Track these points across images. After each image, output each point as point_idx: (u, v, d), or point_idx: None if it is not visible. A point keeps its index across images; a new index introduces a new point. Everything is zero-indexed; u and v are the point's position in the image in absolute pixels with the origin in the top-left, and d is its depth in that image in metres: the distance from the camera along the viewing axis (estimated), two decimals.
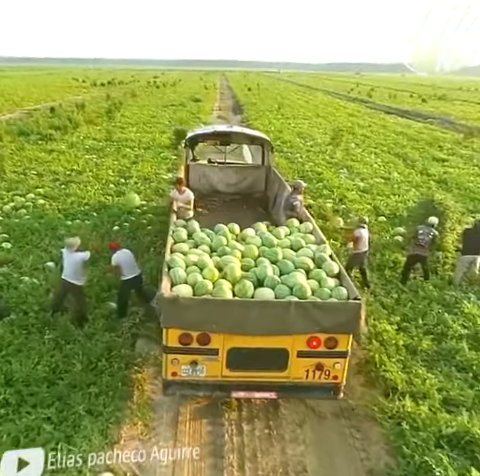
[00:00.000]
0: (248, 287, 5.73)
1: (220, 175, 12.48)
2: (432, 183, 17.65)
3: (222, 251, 6.66)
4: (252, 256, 6.59)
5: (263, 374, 5.75)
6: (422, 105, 52.50)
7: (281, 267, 6.33)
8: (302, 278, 5.97)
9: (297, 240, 7.09)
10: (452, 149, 25.01)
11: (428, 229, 9.41)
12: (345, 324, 5.49)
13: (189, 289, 5.71)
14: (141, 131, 28.18)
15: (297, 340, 5.56)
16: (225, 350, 5.55)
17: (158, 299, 5.41)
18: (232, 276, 5.97)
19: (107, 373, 6.64)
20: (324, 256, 6.53)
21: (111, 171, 18.03)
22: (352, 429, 6.01)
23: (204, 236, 7.20)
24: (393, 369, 6.76)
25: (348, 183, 17.05)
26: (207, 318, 5.36)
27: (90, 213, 13.22)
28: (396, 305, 8.69)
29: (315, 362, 5.68)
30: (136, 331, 7.67)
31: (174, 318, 5.37)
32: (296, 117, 37.24)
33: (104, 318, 7.92)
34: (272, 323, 5.39)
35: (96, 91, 62.98)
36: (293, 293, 5.77)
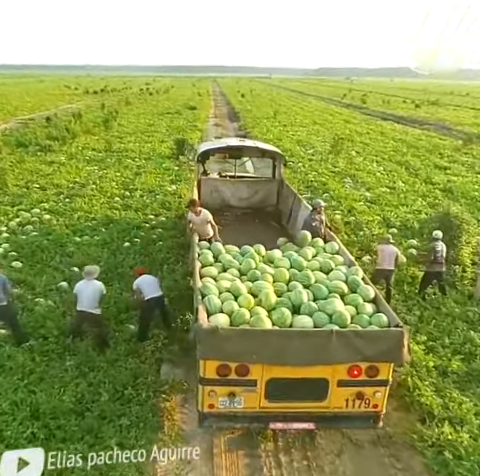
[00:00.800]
0: (287, 315, 5.58)
1: (232, 189, 12.35)
2: (438, 192, 17.59)
3: (253, 275, 6.50)
4: (283, 280, 6.45)
5: (301, 404, 5.59)
6: (416, 111, 52.74)
7: (314, 292, 6.19)
8: (340, 305, 5.83)
9: (326, 262, 6.95)
10: (452, 156, 25.05)
11: (440, 244, 9.34)
12: (388, 353, 5.35)
13: (226, 319, 5.55)
14: (139, 141, 28.00)
15: (338, 369, 5.41)
16: (264, 381, 5.39)
17: (196, 330, 5.24)
18: (267, 303, 5.83)
19: (135, 402, 6.46)
20: (357, 279, 6.40)
21: (115, 183, 17.82)
22: (392, 458, 5.85)
23: (231, 259, 7.04)
24: (427, 393, 6.62)
25: (354, 193, 16.97)
26: (247, 349, 5.19)
27: (98, 228, 13.01)
28: (420, 323, 8.57)
29: (355, 391, 5.53)
30: (159, 355, 7.48)
31: (213, 350, 5.20)
32: (293, 124, 37.23)
33: (125, 342, 7.72)
34: (313, 353, 5.24)
35: (89, 99, 62.77)
36: (332, 321, 5.63)
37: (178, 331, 8.10)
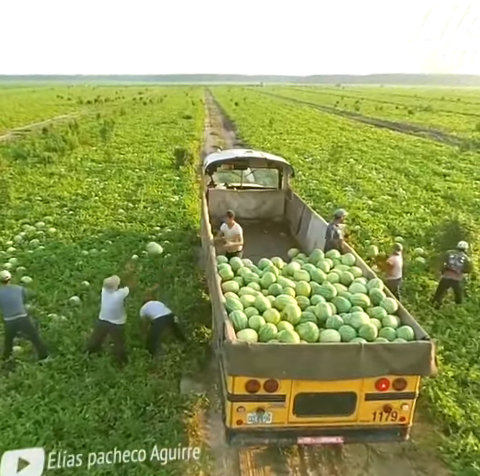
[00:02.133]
0: (314, 330, 5.58)
1: (239, 200, 12.38)
2: (439, 199, 17.72)
3: (274, 289, 6.51)
4: (305, 293, 6.46)
5: (329, 418, 5.58)
6: (409, 117, 53.23)
7: (337, 305, 6.20)
8: (366, 318, 5.85)
9: (346, 274, 6.97)
10: (450, 162, 25.25)
11: (459, 254, 9.38)
12: (416, 365, 5.37)
13: (254, 334, 5.55)
14: (138, 151, 28.04)
15: (366, 383, 5.42)
16: (292, 396, 5.38)
17: (225, 346, 5.23)
18: (293, 317, 5.83)
19: (158, 419, 6.44)
20: (379, 292, 6.41)
21: (117, 195, 17.81)
22: (419, 471, 5.86)
23: (251, 272, 7.04)
24: (449, 404, 6.64)
25: (357, 202, 17.04)
26: (276, 364, 5.19)
27: (105, 241, 12.98)
28: (434, 332, 8.59)
29: (383, 404, 5.54)
30: (178, 370, 7.46)
31: (242, 366, 5.19)
32: (289, 132, 37.38)
33: (143, 357, 7.68)
34: (343, 367, 5.25)
35: (84, 109, 62.77)
36: (359, 334, 5.64)
37: (194, 345, 8.11)
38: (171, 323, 8.09)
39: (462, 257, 9.31)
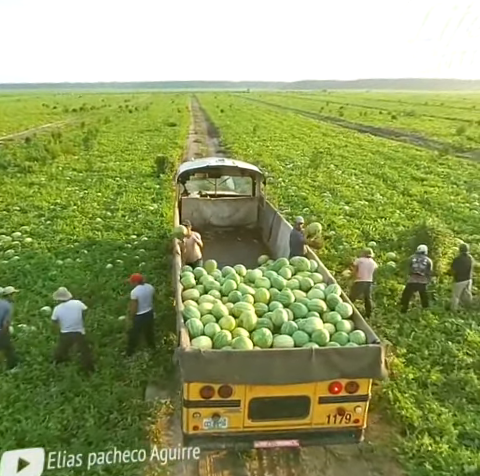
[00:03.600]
0: (268, 336, 5.72)
1: (213, 208, 12.54)
2: (415, 204, 18.00)
3: (234, 296, 6.64)
4: (264, 300, 6.59)
5: (285, 422, 5.71)
6: (392, 122, 53.86)
7: (294, 310, 6.34)
8: (319, 323, 5.99)
9: (306, 280, 7.12)
10: (429, 167, 25.61)
11: (421, 257, 9.58)
12: (366, 369, 5.51)
13: (209, 341, 5.67)
14: (120, 159, 28.12)
15: (319, 387, 5.55)
16: (247, 401, 5.50)
17: (179, 354, 5.34)
18: (249, 324, 5.96)
19: (121, 426, 6.51)
20: (336, 297, 6.57)
21: (96, 204, 17.88)
22: (375, 472, 5.98)
23: (212, 280, 7.17)
24: (407, 405, 6.79)
25: (334, 207, 17.26)
26: (230, 370, 5.31)
27: (81, 250, 13.03)
28: (399, 336, 8.78)
29: (336, 407, 5.67)
30: (144, 378, 7.54)
31: (196, 372, 5.31)
32: (273, 139, 37.68)
33: (110, 366, 7.77)
34: (295, 372, 5.38)
35: (69, 118, 62.67)
36: (312, 339, 5.79)
37: (162, 352, 8.21)
38: (149, 321, 8.10)
39: (424, 260, 9.50)
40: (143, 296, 7.83)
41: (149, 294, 7.98)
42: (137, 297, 7.77)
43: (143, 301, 7.83)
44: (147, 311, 7.95)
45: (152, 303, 8.18)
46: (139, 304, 7.79)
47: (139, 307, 7.82)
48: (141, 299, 7.81)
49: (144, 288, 7.93)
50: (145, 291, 7.91)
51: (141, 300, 7.80)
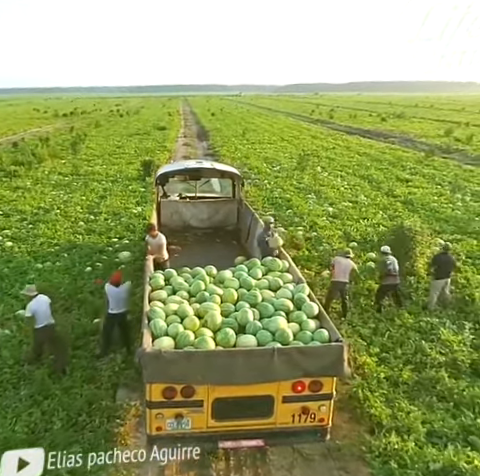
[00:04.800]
0: (231, 336, 5.71)
1: (192, 210, 12.54)
2: (398, 204, 18.07)
3: (201, 297, 6.63)
4: (231, 300, 6.58)
5: (249, 422, 5.70)
6: (382, 124, 53.99)
7: (261, 310, 6.34)
8: (283, 322, 5.99)
9: (275, 280, 7.13)
10: (414, 168, 25.74)
11: (390, 258, 9.63)
12: (329, 367, 5.52)
13: (171, 341, 5.66)
14: (107, 163, 28.10)
15: (282, 386, 5.55)
16: (210, 401, 5.49)
17: (140, 355, 5.33)
18: (213, 324, 5.95)
19: (88, 429, 6.47)
20: (303, 297, 6.57)
21: (79, 207, 17.84)
22: (341, 471, 5.97)
23: (182, 281, 7.15)
24: (377, 404, 6.80)
25: (317, 209, 17.30)
26: (192, 371, 5.31)
27: (61, 254, 12.99)
28: (374, 335, 8.80)
29: (300, 406, 5.68)
30: (116, 380, 7.51)
31: (158, 373, 5.30)
32: (261, 142, 37.73)
33: (82, 369, 7.74)
34: (257, 371, 5.37)
35: (59, 122, 62.51)
36: (275, 339, 5.78)
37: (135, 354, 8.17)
38: (122, 322, 8.09)
39: (395, 260, 9.57)
40: (116, 296, 7.85)
41: (124, 295, 7.97)
42: (108, 294, 7.85)
43: (115, 300, 7.85)
44: (120, 311, 7.95)
45: (127, 304, 8.15)
46: (111, 302, 7.86)
47: (111, 305, 7.86)
48: (113, 298, 7.84)
49: (119, 290, 7.93)
50: (119, 292, 7.92)
51: (113, 298, 7.84)
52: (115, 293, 7.86)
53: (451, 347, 8.30)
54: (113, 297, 7.84)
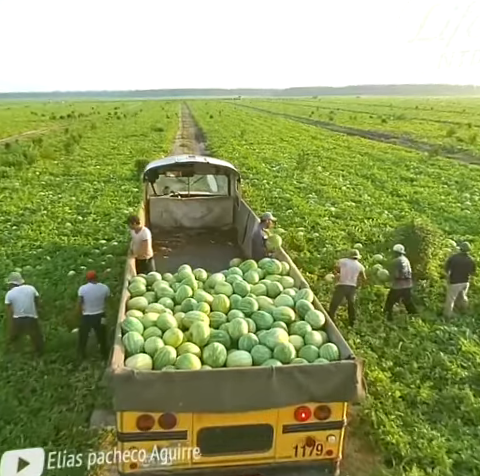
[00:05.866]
0: (219, 352, 4.73)
1: (184, 209, 11.55)
2: (404, 204, 17.14)
3: (187, 305, 5.64)
4: (223, 308, 5.61)
5: (243, 456, 4.71)
6: (382, 125, 53.06)
7: (257, 321, 5.36)
8: (284, 335, 5.01)
9: (274, 284, 6.15)
10: (418, 168, 24.83)
11: (404, 258, 8.70)
12: (339, 390, 4.54)
13: (147, 360, 4.67)
14: (101, 164, 27.29)
15: (282, 413, 4.57)
16: (195, 432, 4.52)
17: (108, 377, 4.35)
18: (199, 337, 4.96)
19: None
20: (306, 304, 5.60)
21: (68, 208, 16.93)
22: None
23: (165, 286, 6.17)
24: (393, 430, 5.81)
25: (319, 208, 16.37)
26: (172, 396, 4.33)
27: (43, 257, 12.04)
28: (386, 346, 7.82)
29: (304, 437, 4.70)
30: (91, 401, 6.53)
31: (130, 399, 4.32)
32: (260, 142, 36.86)
33: (54, 386, 6.76)
34: (252, 396, 4.40)
35: (55, 125, 61.63)
36: (274, 355, 4.81)
37: None
38: (97, 325, 7.38)
39: (407, 262, 8.63)
40: (92, 295, 7.18)
41: (100, 295, 7.28)
42: (82, 294, 7.16)
43: (90, 300, 7.16)
44: (95, 313, 7.22)
45: (104, 306, 7.40)
46: (86, 303, 7.16)
47: (85, 307, 7.18)
48: (88, 297, 7.16)
49: (94, 287, 7.26)
50: (95, 290, 7.24)
51: (87, 299, 7.16)
52: (91, 291, 7.23)
53: (473, 360, 7.33)
54: (88, 296, 7.17)
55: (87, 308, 7.20)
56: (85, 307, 7.20)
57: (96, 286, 7.33)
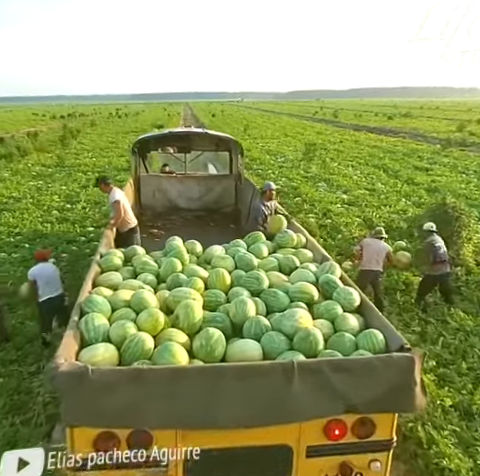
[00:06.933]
0: (215, 341, 3.30)
1: (180, 188, 10.12)
2: (422, 192, 15.74)
3: (174, 281, 4.23)
4: (222, 286, 4.19)
5: None
6: (389, 122, 51.76)
7: (268, 301, 3.94)
8: (307, 318, 3.58)
9: (288, 258, 4.73)
10: (432, 158, 23.50)
11: (438, 238, 7.29)
12: (388, 396, 3.12)
13: (111, 352, 3.25)
14: (97, 156, 26.11)
15: (307, 429, 3.16)
16: (181, 456, 3.09)
17: (51, 374, 2.94)
18: (188, 321, 3.54)
19: None
20: (333, 279, 4.17)
21: (57, 197, 15.59)
22: None
23: (148, 260, 4.76)
24: (450, 451, 4.36)
25: (330, 196, 14.98)
26: (146, 404, 2.92)
27: (21, 245, 10.68)
28: (423, 342, 6.37)
29: (337, 462, 3.28)
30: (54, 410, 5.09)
31: (83, 409, 2.92)
32: (264, 137, 35.59)
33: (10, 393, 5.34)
34: (263, 404, 2.98)
35: (55, 123, 60.45)
36: (294, 346, 3.38)
37: None
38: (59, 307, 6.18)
39: (442, 242, 7.23)
40: (45, 276, 6.09)
41: (55, 274, 6.31)
42: (34, 277, 6.03)
43: (45, 283, 6.07)
44: (54, 295, 6.14)
45: (61, 283, 6.34)
46: (40, 286, 5.96)
47: (43, 290, 5.98)
48: (43, 279, 6.06)
49: (47, 266, 6.17)
50: (49, 270, 6.14)
51: (42, 281, 6.05)
52: (44, 271, 6.12)
53: None
54: (42, 277, 6.05)
55: (45, 291, 6.01)
56: (42, 291, 5.99)
57: (49, 265, 6.26)
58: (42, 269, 6.13)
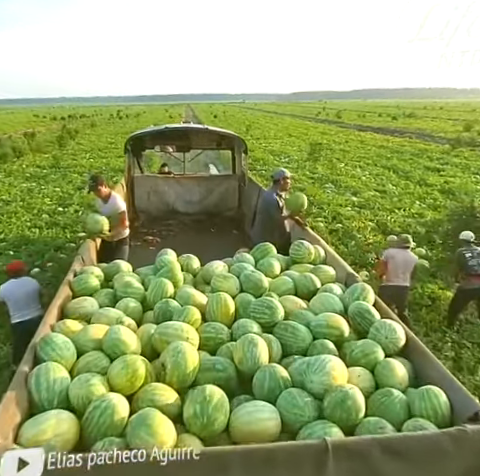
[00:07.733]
0: (214, 406, 2.35)
1: (178, 190, 9.19)
2: (436, 194, 14.81)
3: (163, 310, 3.31)
4: (223, 316, 3.28)
5: None
6: (393, 122, 50.86)
7: (284, 338, 3.03)
8: (340, 369, 2.64)
9: (305, 277, 3.80)
10: (442, 158, 22.55)
11: (472, 249, 6.35)
12: None
13: (67, 424, 2.33)
14: (95, 157, 25.20)
15: None
16: None
17: None
18: (179, 373, 2.61)
19: None
20: (368, 309, 3.24)
21: (48, 199, 14.66)
22: None
23: (131, 280, 3.82)
24: None
25: (339, 198, 14.05)
26: None
27: (5, 252, 9.76)
28: (458, 371, 5.44)
29: None
30: None
31: None
32: (267, 138, 34.65)
33: None
34: None
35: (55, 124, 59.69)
36: (325, 412, 2.46)
37: None
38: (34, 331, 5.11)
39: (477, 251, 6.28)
40: (18, 295, 5.01)
41: (31, 291, 5.17)
42: (3, 296, 5.01)
43: (19, 303, 5.00)
44: (28, 318, 4.96)
45: (40, 306, 5.18)
46: (11, 307, 4.96)
47: (13, 312, 4.96)
48: (13, 298, 5.00)
49: (20, 283, 5.08)
50: (22, 287, 5.07)
51: (13, 300, 5.00)
52: (16, 289, 5.06)
53: None
54: (14, 296, 5.00)
55: (15, 313, 4.97)
56: (13, 312, 4.98)
57: (22, 281, 5.15)
58: (14, 287, 5.13)
